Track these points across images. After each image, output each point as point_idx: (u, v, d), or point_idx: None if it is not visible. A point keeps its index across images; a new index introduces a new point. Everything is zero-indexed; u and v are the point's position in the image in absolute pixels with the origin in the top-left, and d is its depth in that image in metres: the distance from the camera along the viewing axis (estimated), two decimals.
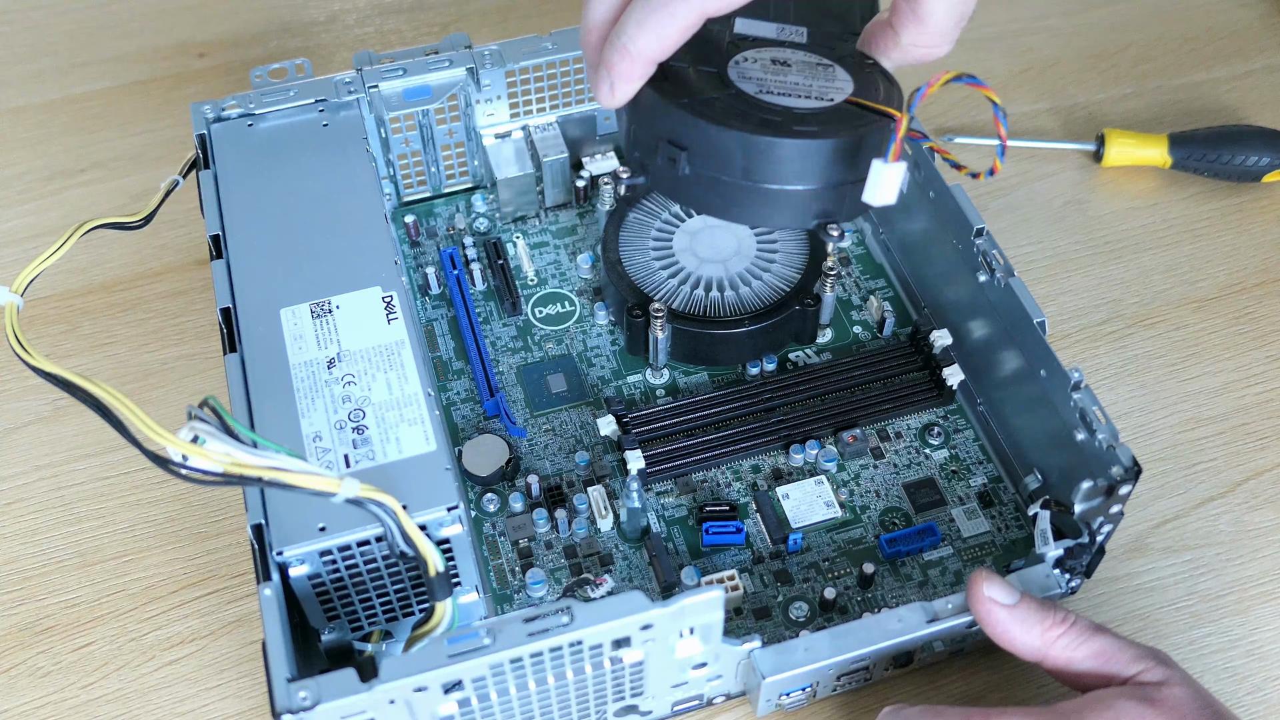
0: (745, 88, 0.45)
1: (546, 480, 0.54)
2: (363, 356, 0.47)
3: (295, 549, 0.42)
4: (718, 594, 0.40)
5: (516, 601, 0.50)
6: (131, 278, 0.63)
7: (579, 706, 0.44)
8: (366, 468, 0.44)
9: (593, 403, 0.56)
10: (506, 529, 0.52)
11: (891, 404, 0.55)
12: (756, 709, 0.46)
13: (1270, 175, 0.65)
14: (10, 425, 0.57)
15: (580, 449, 0.55)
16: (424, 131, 0.61)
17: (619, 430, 0.54)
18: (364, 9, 0.79)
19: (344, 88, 0.57)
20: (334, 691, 0.38)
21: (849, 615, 0.49)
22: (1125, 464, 0.44)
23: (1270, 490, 0.54)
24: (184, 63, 0.75)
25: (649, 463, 0.53)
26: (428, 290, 0.60)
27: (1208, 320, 0.60)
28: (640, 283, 0.57)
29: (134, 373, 0.59)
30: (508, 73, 0.60)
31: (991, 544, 0.51)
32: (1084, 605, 0.50)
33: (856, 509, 0.53)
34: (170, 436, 0.36)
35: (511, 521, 0.52)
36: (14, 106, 0.73)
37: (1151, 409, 0.57)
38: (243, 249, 0.50)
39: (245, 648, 0.50)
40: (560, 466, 0.54)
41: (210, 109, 0.56)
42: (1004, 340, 0.52)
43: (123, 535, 0.53)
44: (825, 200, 0.44)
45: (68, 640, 0.50)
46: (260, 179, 0.53)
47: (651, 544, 0.51)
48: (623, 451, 0.53)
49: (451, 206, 0.64)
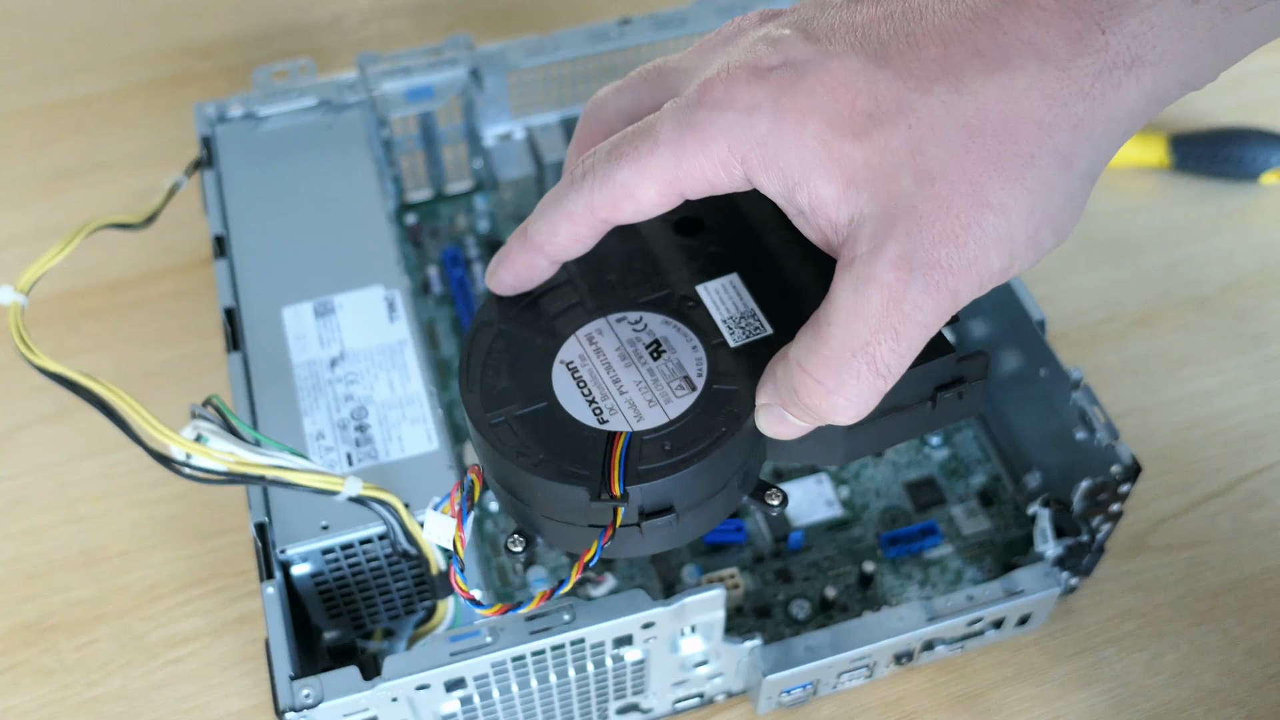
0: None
1: None
2: (365, 356, 0.47)
3: (298, 547, 0.42)
4: (719, 592, 0.40)
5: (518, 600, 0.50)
6: (135, 277, 0.63)
7: (580, 704, 0.44)
8: (369, 466, 0.44)
9: None
10: (508, 527, 0.52)
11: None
12: (757, 707, 0.46)
13: (1270, 175, 0.65)
14: (14, 424, 0.57)
15: None
16: (426, 132, 0.61)
17: None
18: (367, 10, 0.79)
19: (347, 89, 0.57)
20: (337, 689, 0.38)
21: (850, 613, 0.50)
22: (1125, 463, 0.44)
23: (1270, 489, 0.54)
24: (188, 64, 0.76)
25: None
26: (429, 290, 0.61)
27: (1208, 320, 0.61)
28: None
29: (137, 372, 0.59)
30: (510, 73, 0.60)
31: (991, 543, 0.52)
32: (1084, 604, 0.50)
33: (857, 507, 0.53)
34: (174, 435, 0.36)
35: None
36: (18, 108, 0.73)
37: (1151, 409, 0.57)
38: (246, 249, 0.50)
39: (248, 646, 0.50)
40: None
41: (214, 110, 0.56)
42: (1004, 340, 0.52)
43: (126, 534, 0.54)
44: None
45: (71, 638, 0.51)
46: (263, 179, 0.53)
47: None
48: None
49: (453, 207, 0.64)
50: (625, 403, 0.36)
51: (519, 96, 0.62)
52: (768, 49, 0.32)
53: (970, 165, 0.30)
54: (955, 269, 0.30)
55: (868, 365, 0.31)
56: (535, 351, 0.37)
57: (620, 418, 0.35)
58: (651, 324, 0.38)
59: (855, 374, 0.31)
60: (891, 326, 0.31)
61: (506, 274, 0.37)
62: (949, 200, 0.30)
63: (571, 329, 0.38)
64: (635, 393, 0.36)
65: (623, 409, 0.35)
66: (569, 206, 0.35)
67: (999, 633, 0.48)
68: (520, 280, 0.37)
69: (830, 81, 0.31)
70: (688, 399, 0.35)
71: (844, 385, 0.32)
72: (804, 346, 0.32)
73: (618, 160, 0.34)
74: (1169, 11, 0.29)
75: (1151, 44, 0.29)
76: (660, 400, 0.35)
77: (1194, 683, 0.48)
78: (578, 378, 0.36)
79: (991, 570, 0.51)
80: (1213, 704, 0.48)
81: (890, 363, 0.31)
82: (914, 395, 0.36)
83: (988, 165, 0.30)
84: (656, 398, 0.36)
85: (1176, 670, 0.49)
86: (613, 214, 0.34)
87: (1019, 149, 0.30)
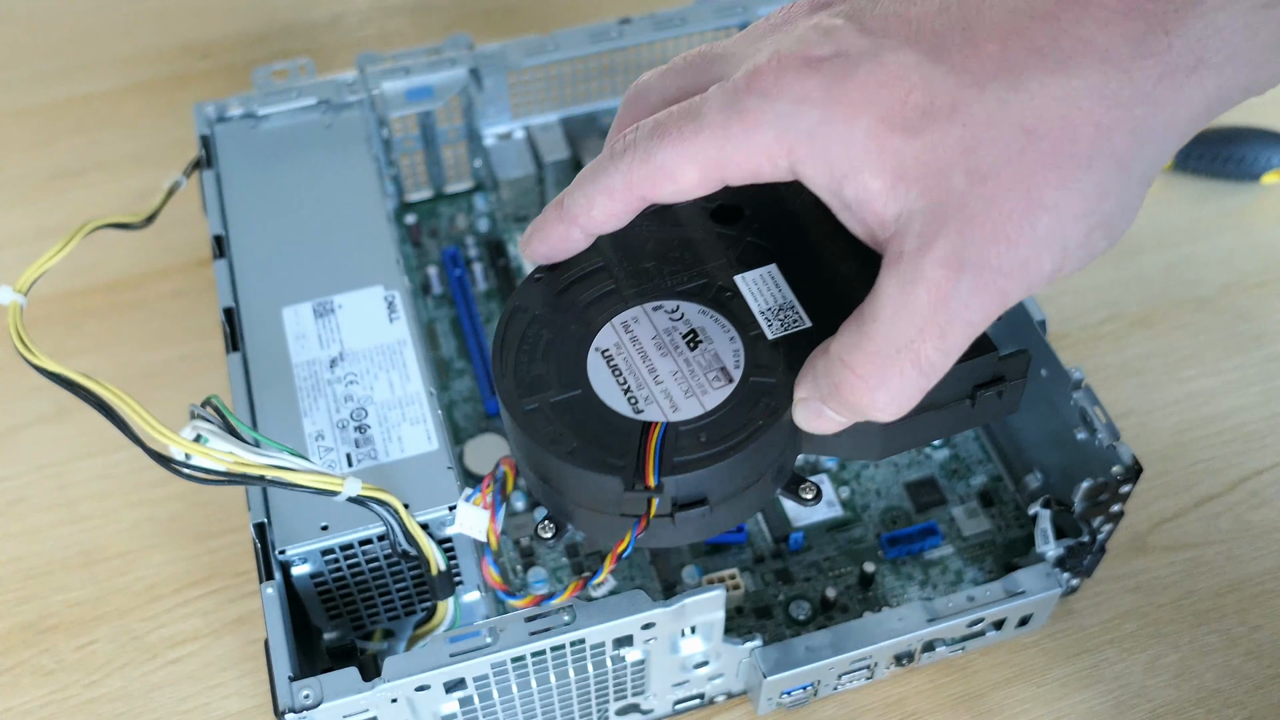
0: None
1: None
2: (365, 356, 0.47)
3: (298, 548, 0.42)
4: (719, 593, 0.40)
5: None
6: (134, 277, 0.63)
7: (580, 705, 0.44)
8: (368, 467, 0.44)
9: None
10: (508, 528, 0.52)
11: None
12: (758, 708, 0.46)
13: (1271, 175, 0.65)
14: (13, 424, 0.57)
15: None
16: (426, 132, 0.61)
17: None
18: (366, 10, 0.79)
19: (346, 88, 0.57)
20: (336, 690, 0.38)
21: (850, 614, 0.49)
22: (1125, 463, 0.44)
23: (1270, 489, 0.54)
24: (187, 64, 0.76)
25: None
26: (429, 290, 0.61)
27: (1208, 320, 0.61)
28: None
29: (137, 372, 0.59)
30: (510, 73, 0.60)
31: (992, 543, 0.51)
32: (1085, 604, 0.50)
33: (857, 508, 0.53)
34: (173, 435, 0.36)
35: (513, 520, 0.52)
36: (17, 108, 0.73)
37: (1151, 409, 0.57)
38: (245, 249, 0.50)
39: (248, 646, 0.50)
40: None
41: (213, 109, 0.56)
42: (1004, 340, 0.52)
43: (125, 534, 0.54)
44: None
45: (71, 639, 0.51)
46: (263, 179, 0.53)
47: None
48: None
49: (453, 207, 0.64)
50: (661, 392, 0.35)
51: (519, 96, 0.62)
52: (820, 38, 0.32)
53: (1025, 166, 0.29)
54: (1005, 269, 0.30)
55: (911, 363, 0.31)
56: (570, 338, 0.37)
57: (656, 408, 0.35)
58: (689, 313, 0.37)
59: (898, 371, 0.31)
60: (938, 325, 0.30)
61: (540, 244, 0.37)
62: (1001, 200, 0.29)
63: (607, 316, 0.37)
64: (671, 383, 0.36)
65: (659, 399, 0.35)
66: (607, 181, 0.34)
67: (999, 633, 0.48)
68: (553, 251, 0.37)
69: (884, 75, 0.31)
70: (724, 390, 0.35)
71: (886, 382, 0.31)
72: (847, 342, 0.32)
73: (660, 138, 0.33)
74: (1238, 14, 0.28)
75: (1216, 47, 0.29)
76: (697, 391, 0.35)
77: (1194, 683, 0.48)
78: (613, 366, 0.36)
79: (992, 571, 0.51)
80: (1213, 704, 0.48)
81: (935, 361, 0.31)
82: (953, 393, 0.35)
83: (1043, 166, 0.29)
84: (693, 388, 0.35)
85: (1177, 671, 0.49)
86: (651, 192, 0.34)
87: (1075, 151, 0.29)
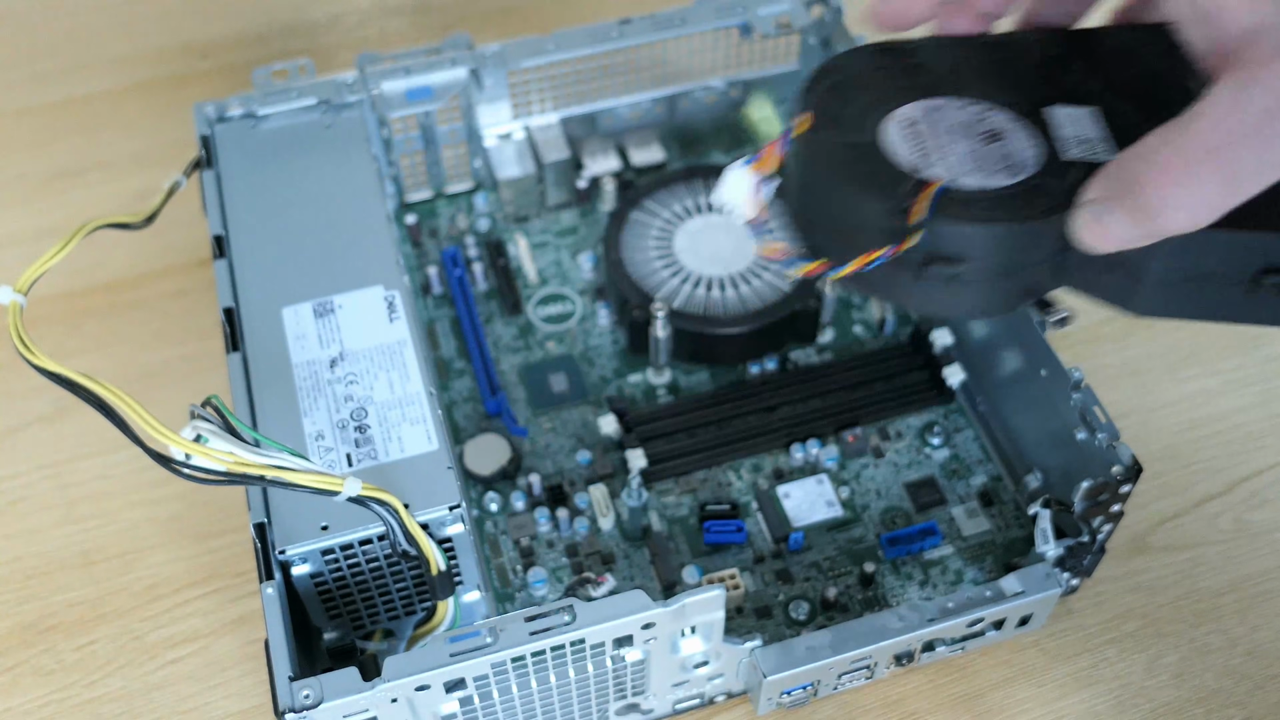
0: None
1: (548, 479, 0.54)
2: (365, 356, 0.47)
3: (298, 548, 0.42)
4: (719, 593, 0.40)
5: (518, 600, 0.50)
6: (134, 277, 0.63)
7: (580, 705, 0.44)
8: (368, 467, 0.44)
9: (594, 402, 0.56)
10: (508, 528, 0.52)
11: (892, 403, 0.55)
12: (758, 708, 0.46)
13: None
14: (13, 424, 0.57)
15: (582, 448, 0.55)
16: (426, 132, 0.61)
17: (620, 429, 0.54)
18: (366, 10, 0.79)
19: (346, 88, 0.57)
20: (336, 690, 0.38)
21: (850, 614, 0.50)
22: (1125, 463, 0.44)
23: (1270, 489, 0.54)
24: (187, 64, 0.76)
25: (650, 462, 0.53)
26: (429, 290, 0.61)
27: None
28: (641, 282, 0.57)
29: (137, 372, 0.59)
30: (510, 73, 0.60)
31: (992, 543, 0.51)
32: (1085, 604, 0.50)
33: (857, 508, 0.53)
34: (173, 435, 0.36)
35: (513, 520, 0.52)
36: (17, 108, 0.73)
37: (1151, 409, 0.57)
38: (245, 249, 0.50)
39: (248, 646, 0.50)
40: (562, 465, 0.54)
41: (213, 109, 0.56)
42: (1004, 340, 0.52)
43: (125, 534, 0.54)
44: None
45: (71, 639, 0.51)
46: (263, 179, 0.53)
47: (653, 543, 0.51)
48: (624, 450, 0.53)
49: (453, 207, 0.64)
50: (948, 165, 0.37)
51: (519, 97, 0.62)
52: None
53: None
54: None
55: (1224, 166, 0.30)
56: (878, 97, 0.39)
57: (940, 170, 0.36)
58: (996, 118, 0.39)
59: (1210, 171, 0.30)
60: (1263, 134, 0.29)
61: (887, 11, 0.39)
62: None
63: (920, 94, 0.39)
64: (961, 160, 0.37)
65: (945, 166, 0.37)
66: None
67: (999, 633, 0.48)
68: (896, 16, 0.39)
69: None
70: (1009, 179, 0.36)
71: (1191, 180, 0.30)
72: (1155, 140, 0.31)
73: None
74: None
75: None
76: (982, 172, 0.36)
77: (1194, 683, 0.48)
78: (912, 130, 0.38)
79: (992, 571, 0.51)
80: (1213, 705, 0.48)
81: (1247, 175, 0.30)
82: (1234, 268, 0.34)
83: None
84: (980, 169, 0.37)
85: (1177, 671, 0.49)
86: None
87: None
